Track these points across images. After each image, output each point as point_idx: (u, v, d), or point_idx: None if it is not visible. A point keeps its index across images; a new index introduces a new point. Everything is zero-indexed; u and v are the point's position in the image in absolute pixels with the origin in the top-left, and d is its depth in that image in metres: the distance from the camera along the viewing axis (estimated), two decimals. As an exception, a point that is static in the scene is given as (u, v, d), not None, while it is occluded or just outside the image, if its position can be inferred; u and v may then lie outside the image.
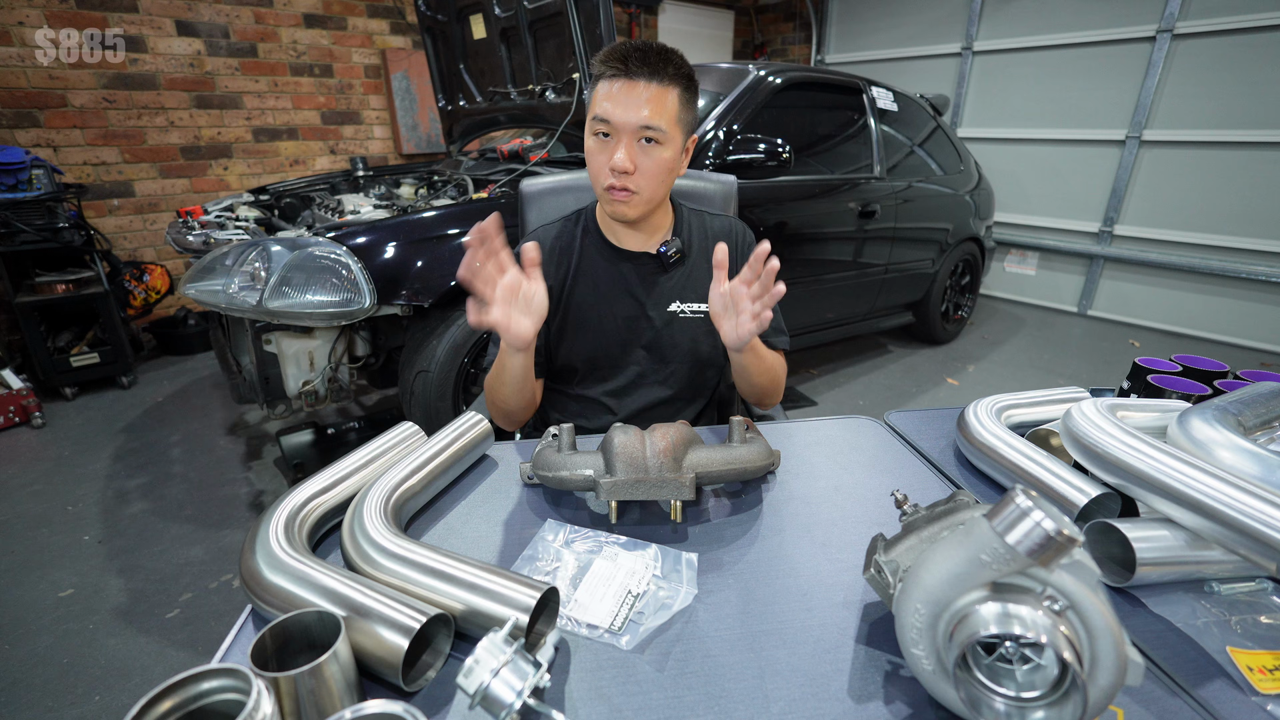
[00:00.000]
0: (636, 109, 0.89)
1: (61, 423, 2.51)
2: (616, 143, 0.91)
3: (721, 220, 1.11)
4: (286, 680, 0.41)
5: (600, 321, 1.05)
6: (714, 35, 5.82)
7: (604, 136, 0.92)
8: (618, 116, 0.89)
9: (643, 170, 0.92)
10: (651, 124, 0.89)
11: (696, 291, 1.06)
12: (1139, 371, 0.88)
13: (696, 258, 1.07)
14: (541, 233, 1.08)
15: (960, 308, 3.72)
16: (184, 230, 1.99)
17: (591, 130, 0.93)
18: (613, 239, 1.06)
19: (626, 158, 0.90)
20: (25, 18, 2.79)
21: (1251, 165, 3.47)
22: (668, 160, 0.93)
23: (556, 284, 1.05)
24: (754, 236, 1.11)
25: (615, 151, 0.90)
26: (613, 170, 0.91)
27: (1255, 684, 0.49)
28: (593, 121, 0.92)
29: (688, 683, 0.49)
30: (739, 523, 0.70)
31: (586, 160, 0.97)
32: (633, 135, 0.90)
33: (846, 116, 2.81)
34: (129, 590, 1.62)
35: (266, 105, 3.55)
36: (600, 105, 0.91)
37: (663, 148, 0.92)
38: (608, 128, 0.91)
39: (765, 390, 1.04)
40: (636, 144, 0.91)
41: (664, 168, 0.94)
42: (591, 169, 0.96)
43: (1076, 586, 0.40)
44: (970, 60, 4.51)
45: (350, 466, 0.69)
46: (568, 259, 1.06)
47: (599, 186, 0.96)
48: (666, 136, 0.91)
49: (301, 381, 1.80)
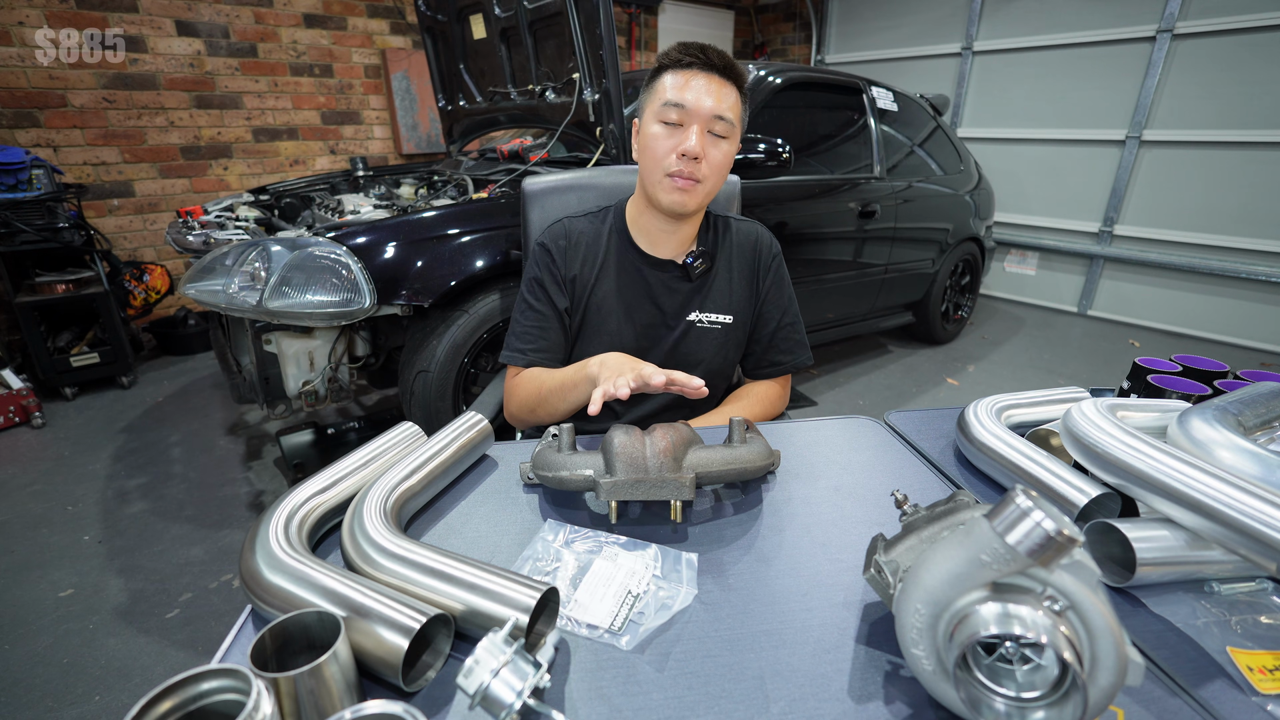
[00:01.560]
0: (714, 97, 0.90)
1: (61, 423, 2.51)
2: (687, 129, 0.91)
3: (746, 228, 1.09)
4: (286, 681, 0.41)
5: (619, 326, 1.04)
6: (714, 35, 5.81)
7: (672, 125, 0.92)
8: (693, 102, 0.90)
9: (710, 160, 0.93)
10: (724, 115, 0.91)
11: (715, 302, 1.05)
12: (1139, 371, 0.88)
13: (719, 267, 1.06)
14: (566, 224, 1.06)
15: (960, 308, 3.72)
16: (184, 230, 1.99)
17: (659, 117, 0.92)
18: (642, 243, 1.04)
19: (698, 143, 0.90)
20: (25, 18, 2.79)
21: (1251, 165, 3.47)
22: (729, 155, 0.95)
23: (581, 280, 1.03)
24: (779, 247, 1.10)
25: (687, 138, 0.90)
26: (682, 155, 0.91)
27: (1255, 684, 0.49)
28: (662, 108, 0.91)
29: (688, 683, 0.49)
30: (739, 523, 0.70)
31: (644, 150, 0.95)
32: (704, 124, 0.91)
33: (846, 116, 2.81)
34: (129, 590, 1.62)
35: (266, 105, 3.55)
36: (673, 92, 0.91)
37: (727, 142, 0.93)
38: (680, 114, 0.91)
39: (765, 417, 1.07)
40: (706, 134, 0.91)
41: (728, 161, 0.95)
42: (653, 155, 0.94)
43: (1076, 586, 0.40)
44: (970, 60, 4.51)
45: (350, 466, 0.69)
46: (593, 256, 1.04)
47: (658, 174, 0.94)
48: (733, 131, 0.93)
49: (301, 381, 1.80)
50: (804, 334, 1.11)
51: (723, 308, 1.06)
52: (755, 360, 1.11)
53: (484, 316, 1.79)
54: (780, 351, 1.09)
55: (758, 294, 1.08)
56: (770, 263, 1.08)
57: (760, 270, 1.07)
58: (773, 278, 1.08)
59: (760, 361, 1.11)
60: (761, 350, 1.10)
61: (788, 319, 1.09)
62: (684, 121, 0.91)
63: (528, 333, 1.03)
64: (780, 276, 1.09)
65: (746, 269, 1.07)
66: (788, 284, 1.10)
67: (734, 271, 1.07)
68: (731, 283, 1.06)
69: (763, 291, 1.08)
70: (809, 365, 1.11)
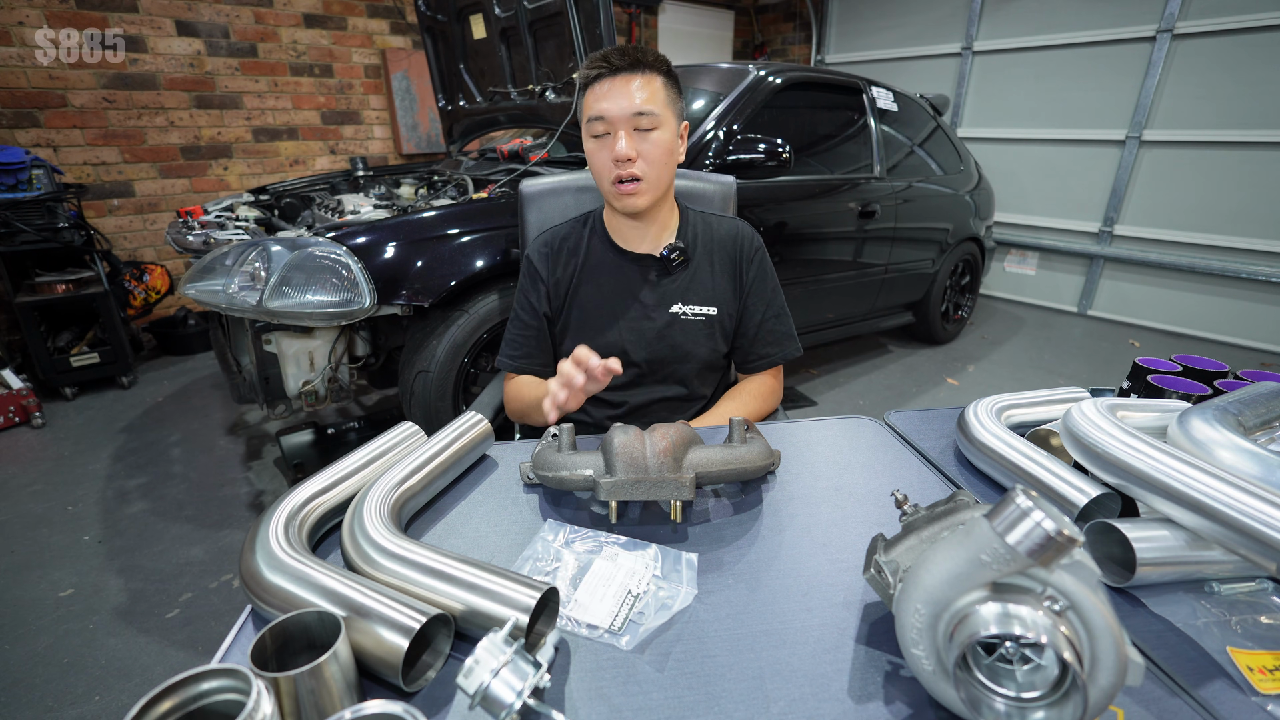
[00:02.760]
0: (627, 97, 0.92)
1: (61, 423, 2.51)
2: (614, 136, 0.94)
3: (728, 223, 1.11)
4: (286, 680, 0.41)
5: (604, 321, 1.07)
6: (714, 35, 5.81)
7: (602, 136, 0.95)
8: (611, 109, 0.93)
9: (644, 155, 0.95)
10: (644, 109, 0.93)
11: (699, 294, 1.08)
12: (1139, 371, 0.88)
13: (700, 260, 1.08)
14: (550, 233, 1.11)
15: (960, 308, 3.72)
16: (184, 230, 1.99)
17: (590, 133, 0.97)
18: (619, 241, 1.08)
19: (628, 145, 0.93)
20: (25, 18, 2.79)
21: (1251, 165, 3.47)
22: (666, 142, 0.96)
23: (563, 282, 1.08)
24: (761, 240, 1.12)
25: (615, 143, 0.93)
26: (616, 161, 0.94)
27: (1255, 684, 0.49)
28: (589, 124, 0.96)
29: (688, 683, 0.49)
30: (739, 523, 0.70)
31: (590, 165, 0.99)
32: (629, 124, 0.93)
33: (846, 116, 2.81)
34: (129, 590, 1.62)
35: (266, 105, 3.55)
36: (593, 106, 0.94)
37: (659, 131, 0.95)
38: (604, 125, 0.94)
39: (761, 410, 1.09)
40: (634, 133, 0.94)
41: (664, 150, 0.96)
42: (596, 170, 0.98)
43: (1076, 586, 0.40)
44: (970, 60, 4.51)
45: (350, 466, 0.69)
46: (575, 258, 1.08)
47: (605, 185, 0.98)
48: (660, 119, 0.94)
49: (301, 381, 1.80)
50: (791, 326, 1.12)
51: (705, 299, 1.08)
52: (744, 354, 1.13)
53: (484, 316, 1.79)
54: (767, 344, 1.11)
55: (741, 287, 1.09)
56: (752, 255, 1.10)
57: (742, 263, 1.09)
58: (755, 270, 1.10)
59: (749, 355, 1.12)
60: (749, 344, 1.11)
61: (773, 311, 1.11)
62: (609, 130, 0.94)
63: (515, 340, 1.11)
64: (763, 269, 1.10)
65: (728, 261, 1.09)
66: (771, 276, 1.11)
67: (715, 264, 1.09)
68: (713, 275, 1.08)
69: (746, 284, 1.09)
70: (798, 355, 1.12)
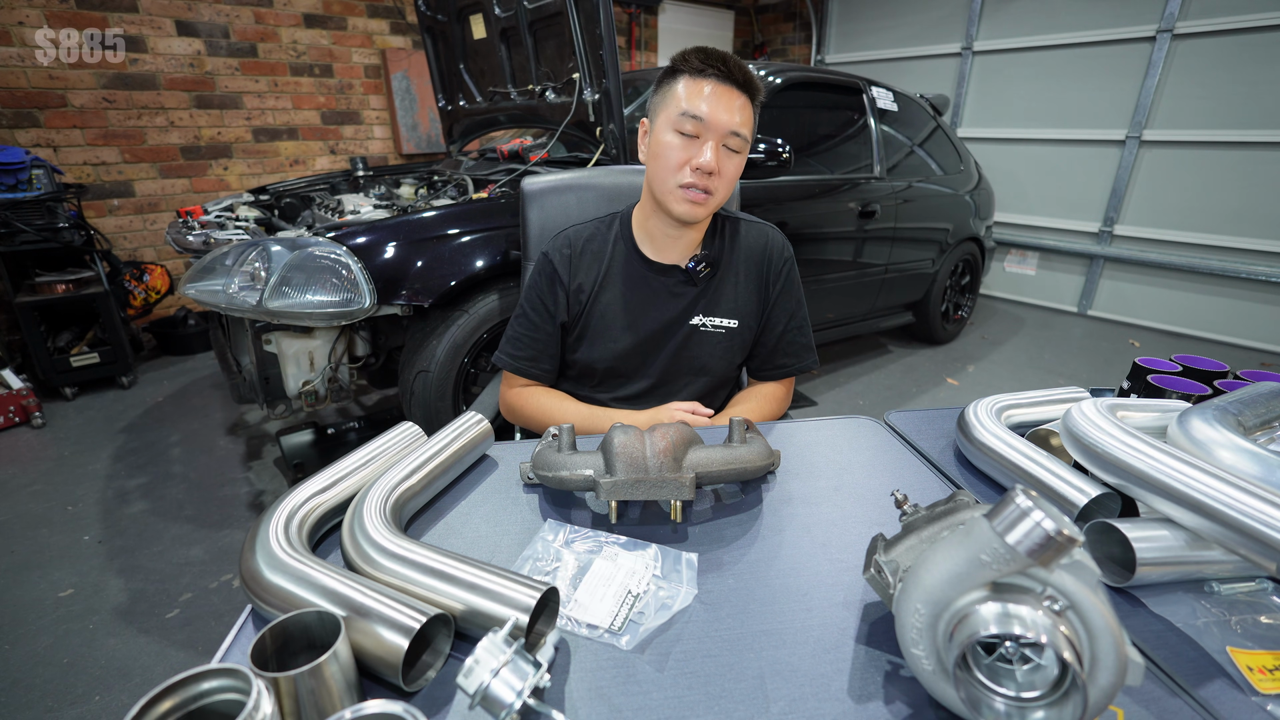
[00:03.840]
0: (732, 112, 0.89)
1: (61, 423, 2.51)
2: (703, 142, 0.90)
3: (757, 231, 1.08)
4: (286, 680, 0.41)
5: (623, 331, 1.04)
6: (714, 35, 5.81)
7: (687, 136, 0.90)
8: (711, 116, 0.88)
9: (723, 174, 0.92)
10: (741, 131, 0.90)
11: (720, 306, 1.04)
12: (1139, 371, 0.88)
13: (725, 271, 1.05)
14: (573, 233, 1.06)
15: (960, 308, 3.72)
16: (184, 230, 1.99)
17: (675, 126, 0.90)
18: (647, 249, 1.04)
19: (714, 158, 0.89)
20: (25, 18, 2.79)
21: (1251, 165, 3.47)
22: (740, 168, 0.95)
23: (586, 286, 1.04)
24: (791, 250, 1.09)
25: (703, 151, 0.89)
26: (697, 169, 0.90)
27: (1255, 684, 0.49)
28: (679, 118, 0.90)
29: (688, 683, 0.49)
30: (739, 523, 0.70)
31: (656, 157, 0.94)
32: (720, 138, 0.90)
33: (846, 116, 2.81)
34: (129, 590, 1.62)
35: (266, 105, 3.55)
36: (690, 102, 0.89)
37: (739, 156, 0.93)
38: (697, 126, 0.89)
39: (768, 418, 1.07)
40: (721, 148, 0.91)
41: (738, 174, 0.95)
42: (666, 165, 0.92)
43: (1076, 586, 0.40)
44: (970, 60, 4.51)
45: (350, 466, 0.69)
46: (598, 263, 1.04)
47: (670, 183, 0.93)
48: (746, 146, 0.93)
49: (301, 381, 1.80)
50: (810, 337, 1.10)
51: (728, 312, 1.05)
52: (760, 362, 1.10)
53: (484, 316, 1.79)
54: (786, 355, 1.09)
55: (766, 299, 1.06)
56: (781, 268, 1.06)
57: (770, 276, 1.06)
58: (783, 283, 1.06)
59: (765, 363, 1.10)
60: (767, 353, 1.09)
61: (795, 323, 1.08)
62: (700, 134, 0.89)
63: (518, 339, 1.05)
64: (791, 281, 1.07)
65: (755, 273, 1.06)
66: (798, 288, 1.09)
67: (741, 275, 1.05)
68: (738, 287, 1.05)
69: (772, 296, 1.06)
70: (815, 368, 1.10)
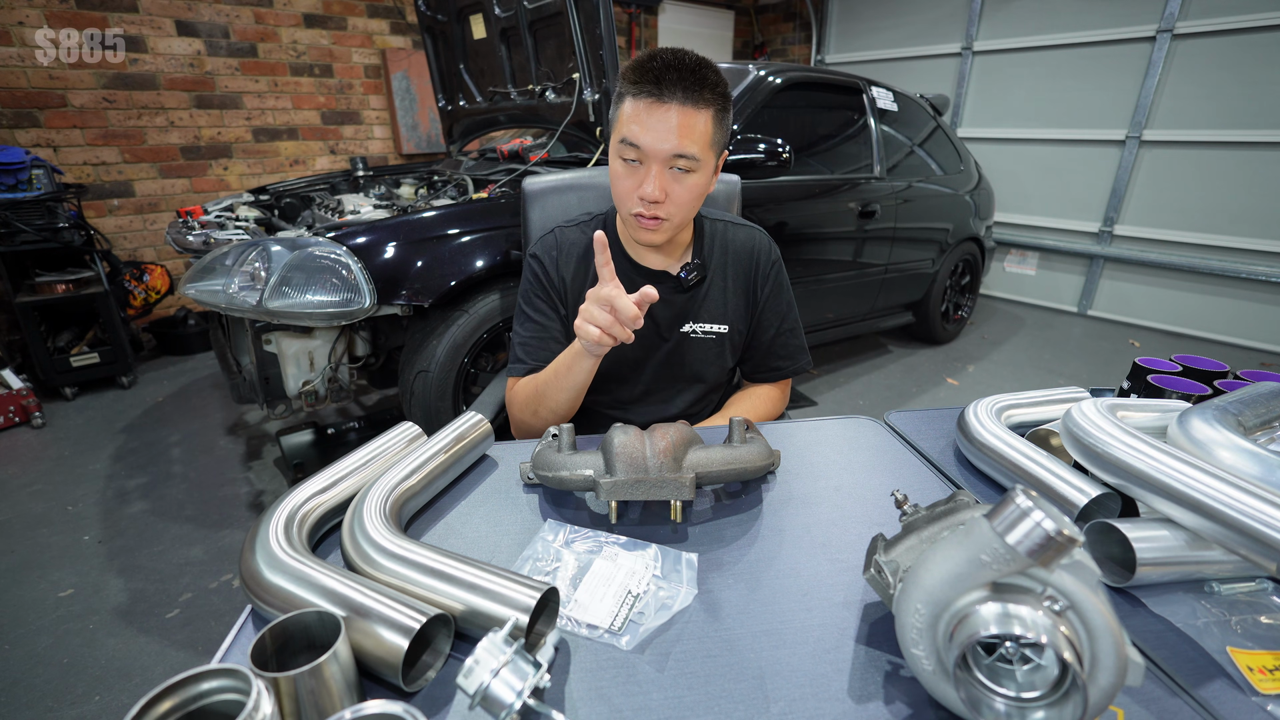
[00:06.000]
0: (669, 136, 0.82)
1: (61, 423, 2.51)
2: (646, 170, 0.85)
3: (744, 234, 1.06)
4: (286, 680, 0.41)
5: None
6: (714, 35, 5.82)
7: (631, 163, 0.87)
8: (649, 143, 0.83)
9: (674, 198, 0.87)
10: (684, 152, 0.83)
11: (710, 312, 1.03)
12: (1139, 371, 0.88)
13: (714, 276, 1.03)
14: (559, 233, 1.04)
15: (960, 308, 3.72)
16: (184, 230, 1.99)
17: (618, 153, 0.87)
18: (634, 256, 1.02)
19: (657, 188, 0.85)
20: (25, 18, 2.79)
21: (1251, 165, 3.47)
22: (699, 185, 0.89)
23: (573, 289, 1.02)
24: (778, 252, 1.07)
25: (645, 181, 0.85)
26: (642, 199, 0.87)
27: (1255, 684, 0.49)
28: (620, 145, 0.86)
29: (688, 683, 0.49)
30: (739, 523, 0.70)
31: (611, 181, 0.92)
32: (664, 163, 0.85)
33: (846, 116, 2.81)
34: (129, 590, 1.62)
35: (266, 105, 3.55)
36: (628, 128, 0.84)
37: (695, 174, 0.87)
38: (637, 154, 0.85)
39: (763, 419, 1.06)
40: (668, 171, 0.85)
41: (695, 194, 0.89)
42: (617, 192, 0.91)
43: (1076, 586, 0.40)
44: (970, 60, 4.51)
45: (350, 466, 0.68)
46: (585, 265, 1.02)
47: (625, 211, 0.91)
48: (699, 164, 0.86)
49: (301, 381, 1.80)
50: (803, 339, 1.10)
51: (717, 317, 1.04)
52: (754, 365, 1.10)
53: (484, 316, 1.79)
54: (779, 357, 1.08)
55: (755, 303, 1.06)
56: (769, 270, 1.05)
57: (758, 279, 1.05)
58: (771, 286, 1.05)
59: (759, 366, 1.10)
60: (760, 356, 1.09)
61: (787, 325, 1.07)
62: (642, 160, 0.85)
63: (529, 343, 1.01)
64: (779, 283, 1.06)
65: (742, 277, 1.04)
66: (787, 290, 1.08)
67: (729, 280, 1.04)
68: (726, 292, 1.04)
69: (761, 300, 1.05)
70: (808, 369, 1.09)
